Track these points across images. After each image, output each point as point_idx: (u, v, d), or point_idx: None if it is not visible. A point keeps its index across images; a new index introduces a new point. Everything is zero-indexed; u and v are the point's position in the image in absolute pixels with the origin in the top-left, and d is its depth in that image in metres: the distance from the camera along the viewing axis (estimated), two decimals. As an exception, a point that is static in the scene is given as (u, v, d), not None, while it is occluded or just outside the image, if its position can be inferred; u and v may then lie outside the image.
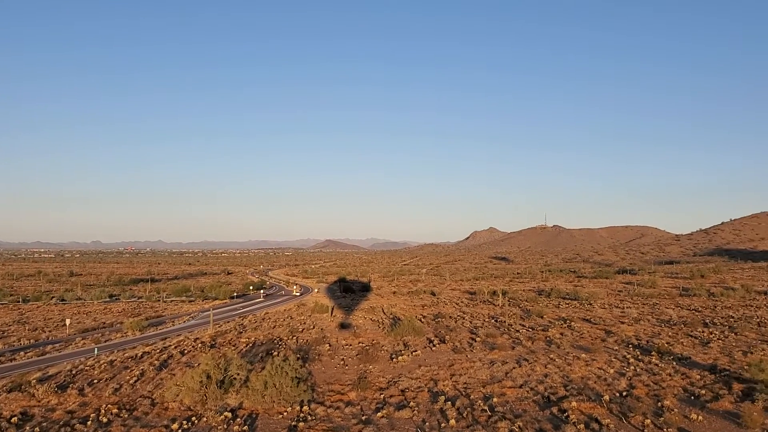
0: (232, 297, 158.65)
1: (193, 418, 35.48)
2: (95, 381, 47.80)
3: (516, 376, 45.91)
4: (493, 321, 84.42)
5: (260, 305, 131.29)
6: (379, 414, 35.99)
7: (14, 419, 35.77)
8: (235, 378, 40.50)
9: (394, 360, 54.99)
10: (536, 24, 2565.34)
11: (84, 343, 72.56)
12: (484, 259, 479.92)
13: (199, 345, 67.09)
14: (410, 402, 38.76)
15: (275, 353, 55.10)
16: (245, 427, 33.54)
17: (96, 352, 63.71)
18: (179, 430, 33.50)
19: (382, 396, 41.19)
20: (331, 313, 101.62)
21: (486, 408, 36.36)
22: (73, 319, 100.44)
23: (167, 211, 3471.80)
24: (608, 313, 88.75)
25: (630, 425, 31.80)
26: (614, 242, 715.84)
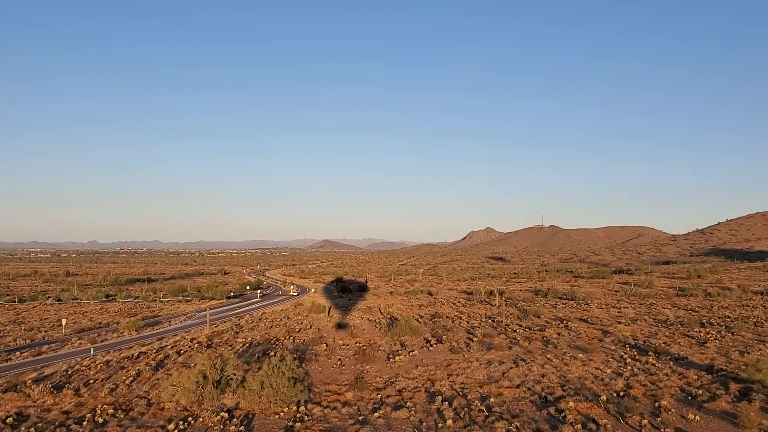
0: (229, 297, 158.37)
1: (190, 419, 35.38)
2: (91, 381, 47.68)
3: (513, 376, 45.92)
4: (490, 321, 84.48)
5: (257, 305, 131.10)
6: (376, 414, 35.94)
7: (9, 420, 35.62)
8: (232, 378, 40.42)
9: (391, 360, 54.95)
10: (536, 24, 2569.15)
11: (80, 343, 72.31)
12: (481, 259, 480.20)
13: (196, 345, 66.96)
14: (407, 402, 38.72)
15: (272, 353, 55.06)
16: (242, 428, 33.45)
17: (92, 352, 63.53)
18: (175, 431, 33.41)
19: (379, 396, 41.15)
20: (328, 313, 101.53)
21: (483, 408, 36.35)
22: (70, 319, 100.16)
23: (164, 211, 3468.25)
24: (605, 313, 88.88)
25: (627, 425, 31.81)
26: (611, 242, 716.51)
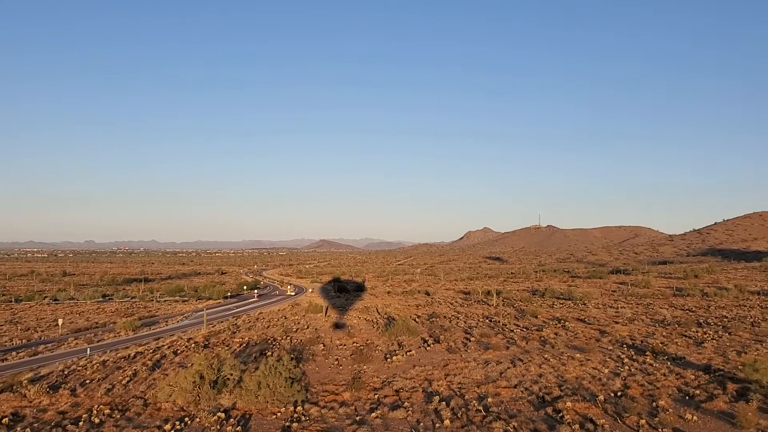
0: (226, 297, 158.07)
1: (186, 419, 35.26)
2: (87, 381, 47.50)
3: (510, 376, 45.86)
4: (488, 321, 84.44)
5: (254, 305, 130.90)
6: (374, 414, 35.85)
7: (5, 420, 35.47)
8: (229, 378, 40.30)
9: (389, 360, 54.85)
10: (535, 25, 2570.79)
11: (76, 343, 72.08)
12: (479, 259, 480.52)
13: (193, 345, 66.79)
14: (405, 402, 38.64)
15: (269, 353, 54.90)
16: (238, 428, 33.31)
17: (88, 353, 63.33)
18: (172, 431, 33.27)
19: (377, 396, 41.05)
20: (326, 313, 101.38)
21: (481, 408, 36.28)
22: (66, 319, 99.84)
23: (161, 211, 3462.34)
24: (602, 313, 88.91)
25: (625, 425, 31.77)
26: (608, 242, 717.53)
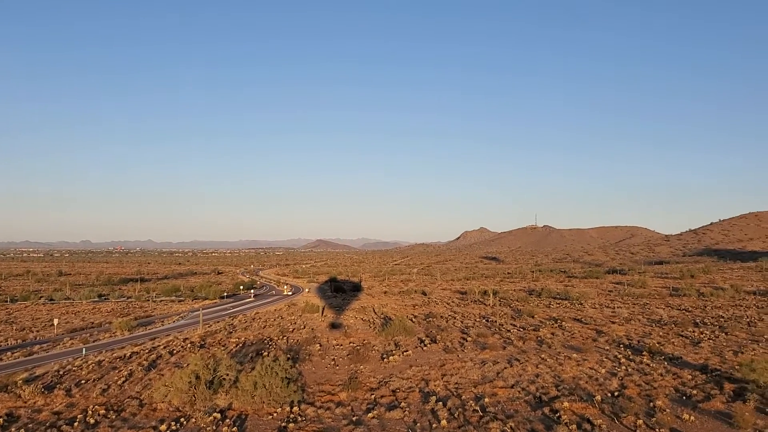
0: (223, 297, 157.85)
1: (182, 419, 35.09)
2: (83, 381, 47.27)
3: (507, 376, 45.82)
4: (484, 321, 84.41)
5: (250, 305, 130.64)
6: (370, 415, 35.75)
7: (0, 420, 35.24)
8: (225, 378, 40.12)
9: (385, 360, 54.76)
10: (536, 25, 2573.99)
11: (72, 343, 71.77)
12: (475, 259, 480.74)
13: (189, 345, 66.56)
14: (401, 402, 38.54)
15: (265, 353, 54.70)
16: (234, 428, 33.18)
17: (84, 353, 63.03)
18: (167, 431, 33.12)
19: (373, 396, 40.95)
20: (322, 313, 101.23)
21: (477, 408, 36.21)
22: (62, 319, 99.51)
23: (157, 211, 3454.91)
24: (599, 313, 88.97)
25: (622, 425, 31.74)
26: (604, 242, 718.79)
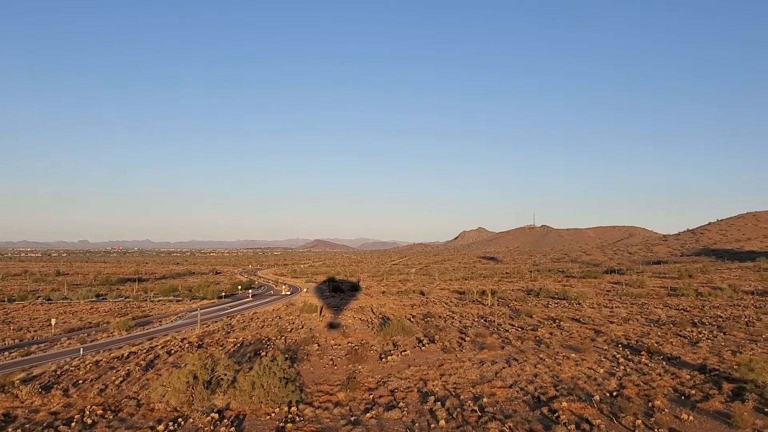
0: (220, 297, 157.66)
1: (180, 420, 34.96)
2: (80, 381, 47.13)
3: (506, 376, 45.75)
4: (483, 321, 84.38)
5: (248, 305, 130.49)
6: (368, 415, 35.65)
7: (-4, 421, 35.08)
8: (223, 378, 40.01)
9: (384, 360, 54.67)
10: (536, 26, 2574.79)
11: (69, 343, 71.62)
12: (473, 259, 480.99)
13: (186, 345, 66.42)
14: (400, 402, 38.45)
15: (263, 353, 54.66)
16: (232, 429, 33.06)
17: (81, 353, 62.88)
18: (165, 432, 32.99)
19: (372, 396, 40.86)
20: (320, 313, 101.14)
21: (476, 408, 36.13)
22: (59, 319, 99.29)
23: (155, 211, 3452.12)
24: (597, 313, 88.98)
25: (621, 425, 31.68)
26: (602, 242, 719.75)
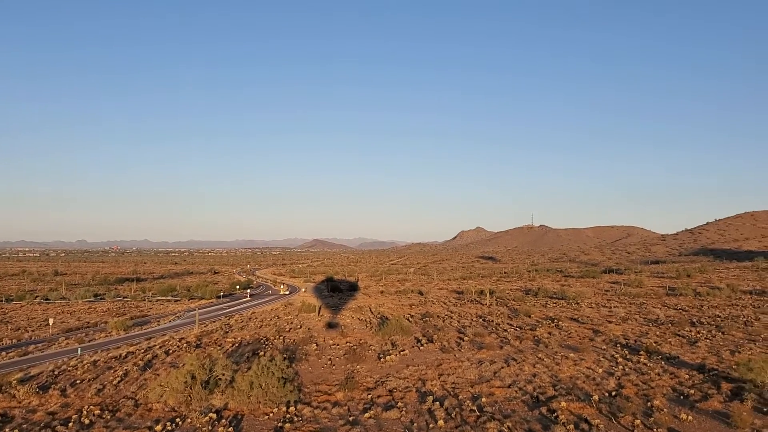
0: (219, 296, 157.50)
1: (178, 420, 34.84)
2: (78, 381, 46.99)
3: (504, 376, 45.68)
4: (481, 320, 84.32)
5: (247, 305, 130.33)
6: (367, 414, 35.56)
7: (-8, 421, 34.94)
8: (221, 378, 39.89)
9: (382, 360, 54.59)
10: (536, 26, 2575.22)
11: (67, 343, 71.46)
12: (472, 259, 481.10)
13: (185, 345, 66.28)
14: (398, 402, 38.37)
15: (261, 353, 54.52)
16: (230, 429, 32.93)
17: (79, 352, 62.70)
18: (163, 432, 32.86)
19: (370, 396, 40.78)
20: (319, 313, 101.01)
21: (474, 408, 36.06)
22: (57, 319, 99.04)
23: (153, 211, 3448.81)
24: (596, 313, 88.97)
25: (620, 425, 31.62)
26: (600, 242, 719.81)
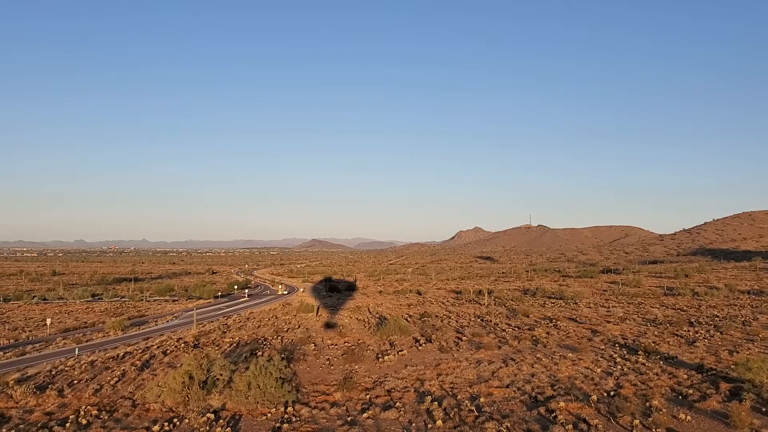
0: (217, 296, 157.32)
1: (175, 420, 34.73)
2: (75, 382, 46.83)
3: (503, 376, 45.62)
4: (479, 320, 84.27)
5: (245, 305, 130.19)
6: (365, 415, 35.48)
7: (-11, 422, 34.80)
8: (219, 379, 39.79)
9: (380, 360, 54.51)
10: (536, 26, 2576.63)
11: (65, 343, 71.32)
12: (470, 259, 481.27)
13: (182, 345, 66.14)
14: (396, 402, 38.29)
15: (259, 353, 54.41)
16: (228, 429, 32.85)
17: (77, 353, 62.57)
18: (160, 433, 32.74)
19: (368, 396, 40.71)
20: (317, 313, 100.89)
21: (473, 408, 35.98)
22: (55, 319, 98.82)
23: (151, 211, 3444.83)
24: (594, 313, 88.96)
25: (618, 425, 31.57)
26: (598, 242, 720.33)
